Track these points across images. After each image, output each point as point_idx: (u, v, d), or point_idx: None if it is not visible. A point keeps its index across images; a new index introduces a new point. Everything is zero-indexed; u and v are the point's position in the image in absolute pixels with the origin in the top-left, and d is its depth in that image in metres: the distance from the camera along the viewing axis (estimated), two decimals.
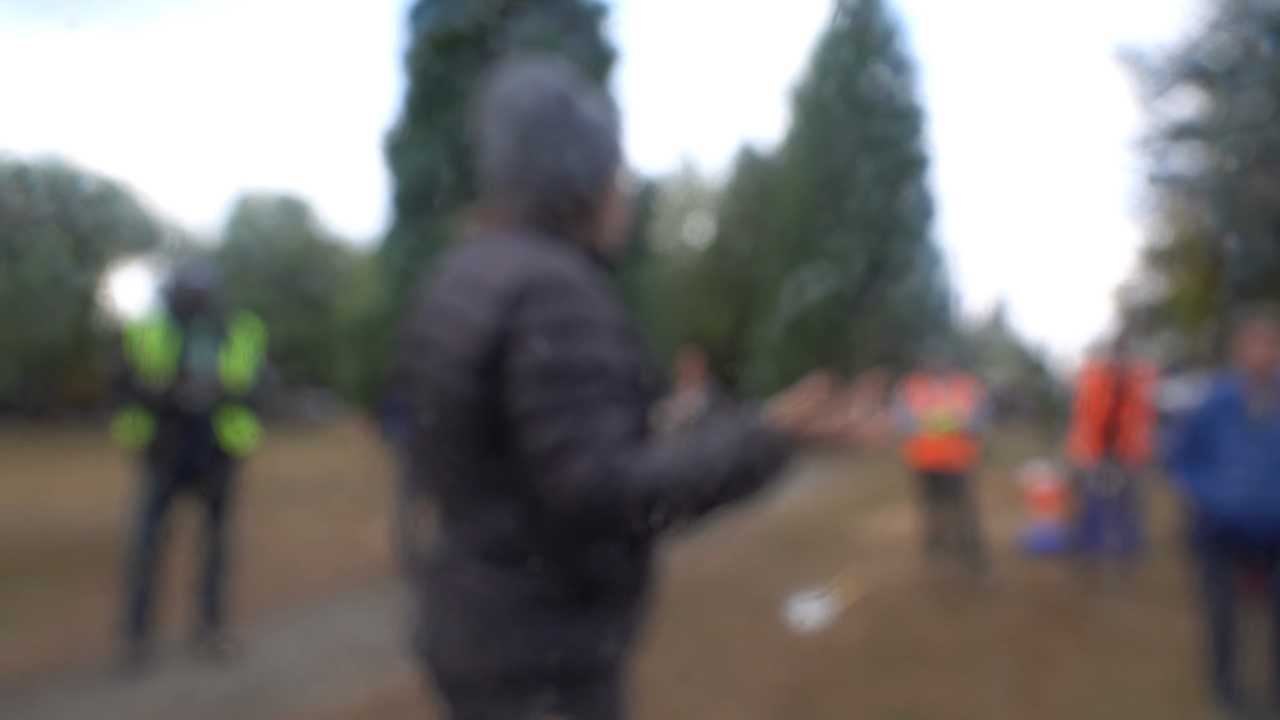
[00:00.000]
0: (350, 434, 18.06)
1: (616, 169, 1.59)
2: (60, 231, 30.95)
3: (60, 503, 11.54)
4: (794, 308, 30.83)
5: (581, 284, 1.39)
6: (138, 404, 4.77)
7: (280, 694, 4.45)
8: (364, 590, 6.74)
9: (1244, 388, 3.92)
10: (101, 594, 5.45)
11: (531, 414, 1.32)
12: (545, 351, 1.32)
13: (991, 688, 4.56)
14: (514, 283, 1.37)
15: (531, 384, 1.32)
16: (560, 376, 1.31)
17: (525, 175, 1.51)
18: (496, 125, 1.54)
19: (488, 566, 1.42)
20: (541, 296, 1.35)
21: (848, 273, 30.85)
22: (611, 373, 1.35)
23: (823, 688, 4.53)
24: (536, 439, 1.31)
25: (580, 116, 1.53)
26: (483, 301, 1.38)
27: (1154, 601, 6.13)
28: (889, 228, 31.80)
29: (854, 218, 31.88)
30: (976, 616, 6.03)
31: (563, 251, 1.45)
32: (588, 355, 1.33)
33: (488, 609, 1.41)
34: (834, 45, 33.56)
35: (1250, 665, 4.03)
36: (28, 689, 4.44)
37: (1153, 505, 7.69)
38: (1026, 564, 7.74)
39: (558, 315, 1.34)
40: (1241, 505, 3.82)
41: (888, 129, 32.46)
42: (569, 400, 1.31)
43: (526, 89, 1.53)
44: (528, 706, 1.39)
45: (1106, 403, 6.83)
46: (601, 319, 1.38)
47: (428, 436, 1.51)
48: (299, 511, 10.98)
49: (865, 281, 31.27)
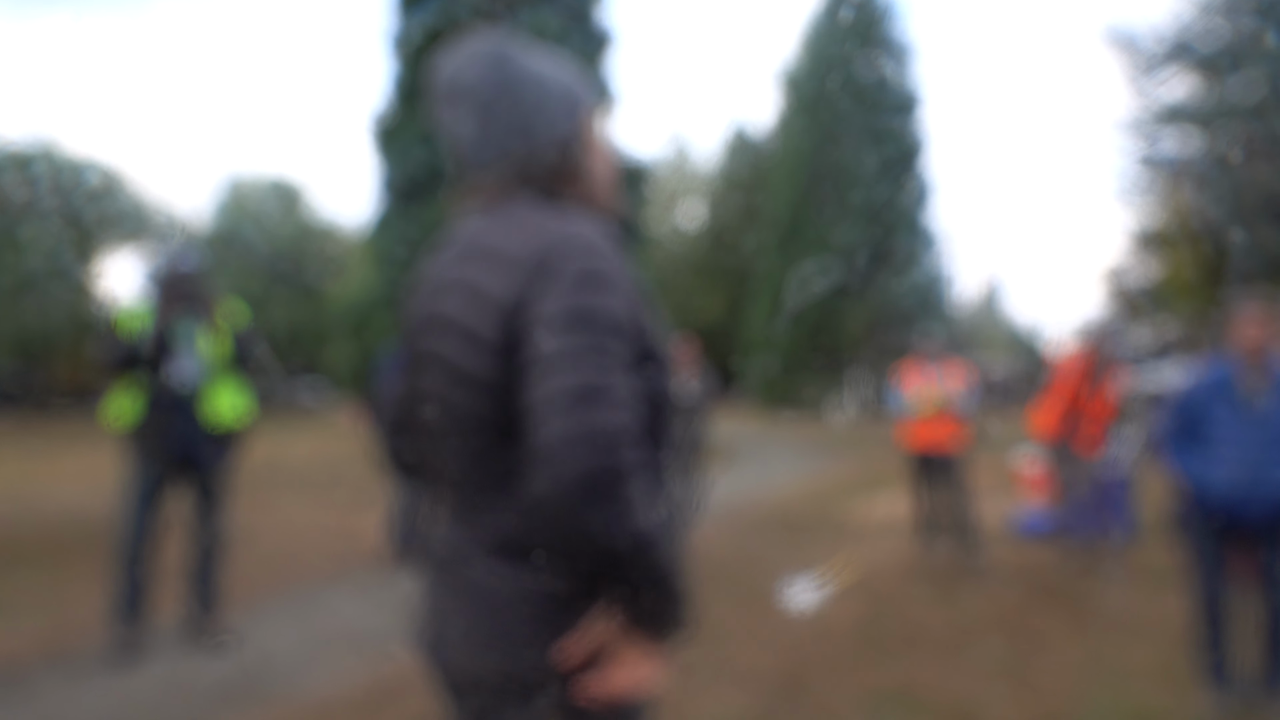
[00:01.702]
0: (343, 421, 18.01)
1: (586, 118, 1.52)
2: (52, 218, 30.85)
3: (53, 490, 11.52)
4: (796, 302, 30.82)
5: (603, 246, 1.34)
6: (130, 374, 4.75)
7: (274, 681, 4.45)
8: (359, 577, 6.74)
9: (1235, 369, 3.92)
10: (94, 581, 5.45)
11: (553, 354, 1.23)
12: (570, 299, 1.26)
13: (984, 670, 4.57)
14: (533, 250, 1.31)
15: (554, 328, 1.25)
16: (586, 322, 1.25)
17: (490, 148, 1.45)
18: (449, 107, 1.49)
19: (496, 561, 1.36)
20: (564, 258, 1.29)
21: (843, 260, 30.84)
22: (628, 336, 1.29)
23: (817, 671, 4.55)
24: (556, 379, 1.22)
25: (529, 74, 1.47)
26: (500, 273, 1.32)
27: (1146, 583, 6.16)
28: (882, 212, 31.80)
29: (847, 202, 31.87)
30: (969, 599, 6.05)
31: (579, 215, 1.40)
32: (612, 309, 1.28)
33: (496, 605, 1.35)
34: (827, 30, 33.49)
35: (1241, 646, 4.05)
36: (20, 676, 4.44)
37: (1144, 487, 7.72)
38: (1019, 546, 7.76)
39: (583, 270, 1.28)
40: (1233, 486, 3.84)
41: (880, 114, 32.43)
42: (595, 346, 1.24)
43: (468, 62, 1.48)
44: (536, 705, 1.34)
45: (1076, 389, 6.85)
46: (623, 280, 1.33)
47: (435, 426, 1.44)
48: (293, 498, 10.98)
49: (860, 268, 31.28)
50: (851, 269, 31.03)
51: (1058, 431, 6.97)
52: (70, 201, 32.05)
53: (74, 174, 32.91)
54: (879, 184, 31.64)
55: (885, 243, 31.61)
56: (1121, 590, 6.08)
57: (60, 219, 31.29)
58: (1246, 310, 3.91)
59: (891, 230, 31.72)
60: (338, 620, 5.58)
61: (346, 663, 4.68)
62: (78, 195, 32.59)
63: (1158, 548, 6.56)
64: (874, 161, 31.63)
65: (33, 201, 29.78)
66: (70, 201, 32.05)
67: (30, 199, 29.87)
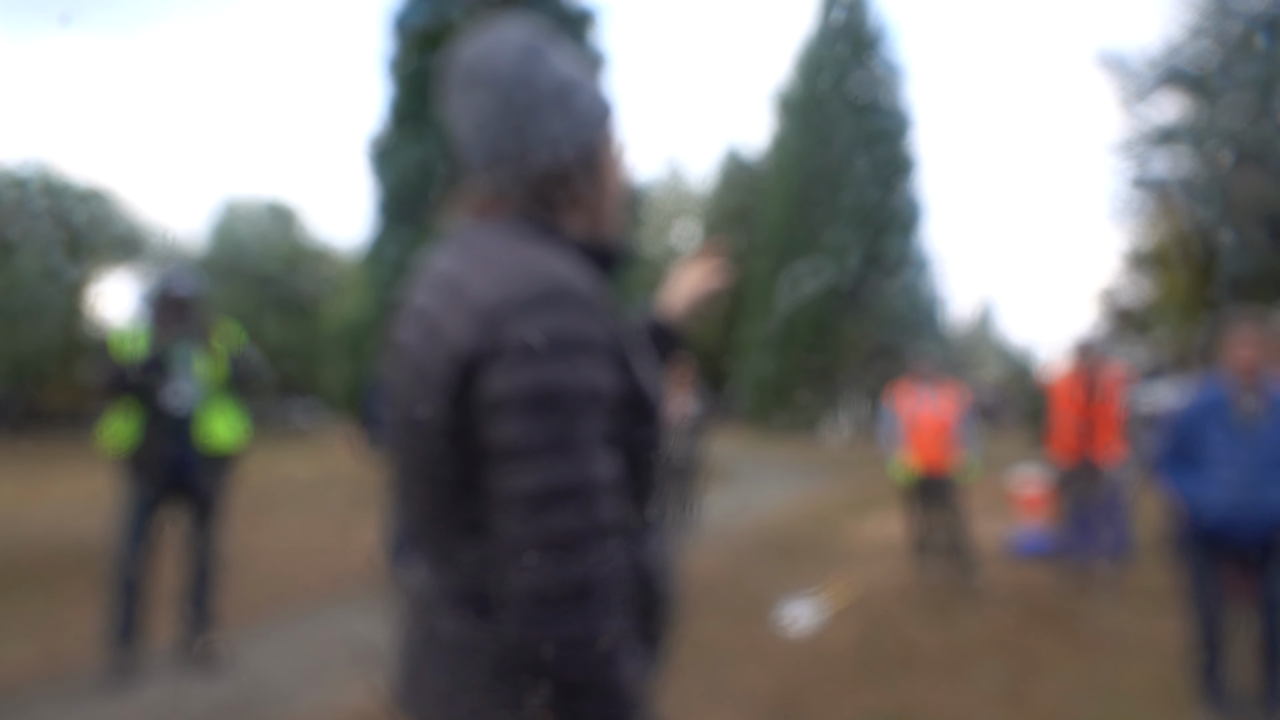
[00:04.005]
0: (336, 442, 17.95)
1: (607, 135, 1.38)
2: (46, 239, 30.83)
3: (46, 512, 11.48)
4: (787, 303, 30.86)
5: (579, 292, 1.19)
6: (125, 398, 4.74)
7: (270, 702, 4.43)
8: (354, 597, 6.71)
9: (1230, 390, 3.94)
10: (88, 603, 5.41)
11: (512, 448, 1.13)
12: (531, 374, 1.13)
13: (981, 691, 4.57)
14: (497, 294, 1.17)
15: (513, 412, 1.13)
16: (549, 405, 1.13)
17: (500, 147, 1.29)
18: (462, 96, 1.33)
19: (467, 613, 1.26)
20: (529, 308, 1.15)
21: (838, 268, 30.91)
22: (604, 405, 1.18)
23: (813, 692, 4.54)
24: (515, 479, 1.13)
25: (556, 73, 1.32)
26: (460, 314, 1.19)
27: (1142, 604, 6.15)
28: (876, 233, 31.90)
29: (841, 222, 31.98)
30: (965, 620, 6.04)
31: (558, 249, 1.26)
32: (581, 380, 1.15)
33: (468, 661, 1.25)
34: (820, 51, 33.69)
35: (1238, 667, 4.05)
36: (15, 700, 4.41)
37: (1140, 508, 7.72)
38: (1015, 567, 7.76)
39: (548, 330, 1.14)
40: (1229, 507, 3.85)
41: (873, 135, 32.60)
42: (558, 436, 1.13)
43: (490, 50, 1.32)
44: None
45: (1078, 405, 6.86)
46: (600, 335, 1.19)
47: (397, 465, 1.35)
48: (288, 518, 10.94)
49: (854, 288, 31.37)
50: (845, 289, 31.12)
51: (1076, 448, 6.93)
52: (65, 223, 32.06)
53: (69, 195, 32.93)
54: (872, 204, 31.77)
55: (879, 263, 31.72)
56: (1118, 611, 6.08)
57: (54, 240, 31.28)
58: (1241, 331, 3.93)
59: (885, 251, 31.84)
60: (334, 641, 5.55)
61: (342, 683, 4.65)
62: (72, 217, 32.60)
63: (1154, 568, 6.56)
64: (867, 181, 31.78)
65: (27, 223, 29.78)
66: (65, 223, 32.06)
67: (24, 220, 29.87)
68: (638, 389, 1.27)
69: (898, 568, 7.63)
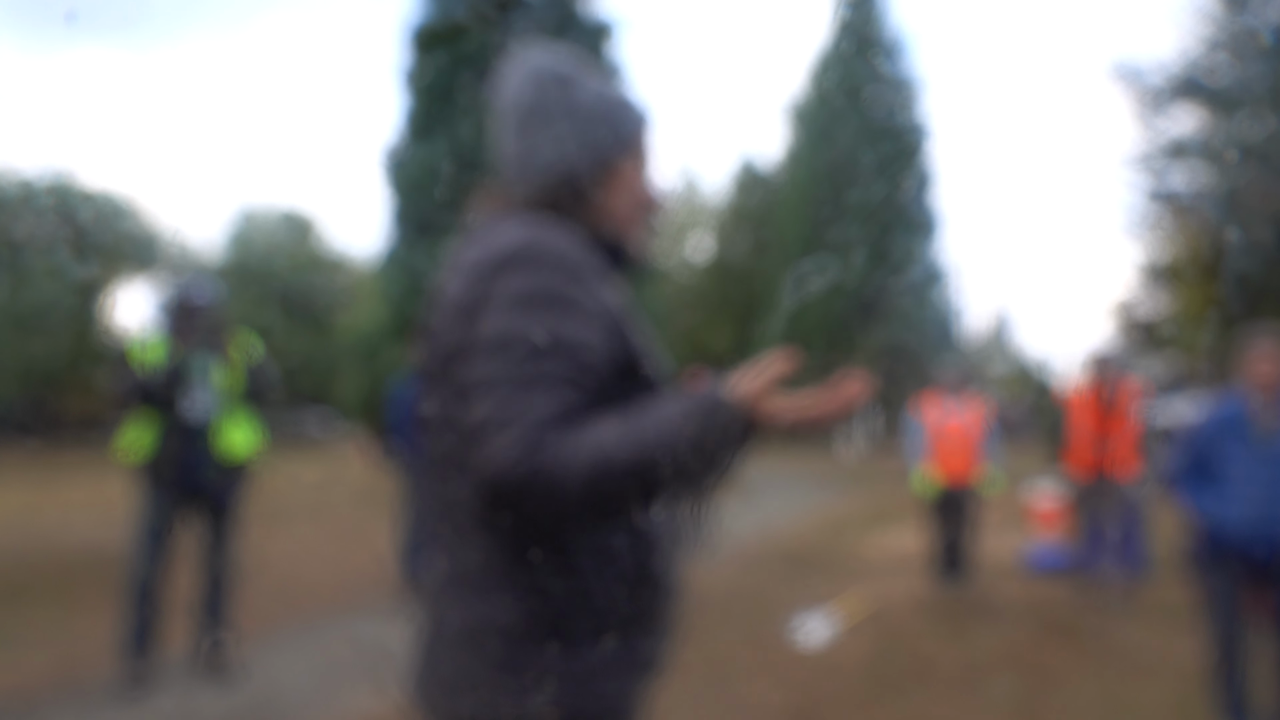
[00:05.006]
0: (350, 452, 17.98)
1: (623, 155, 1.47)
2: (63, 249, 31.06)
3: (61, 521, 11.54)
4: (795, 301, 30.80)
5: (569, 259, 1.29)
6: (143, 408, 4.76)
7: (284, 710, 4.44)
8: (368, 606, 6.72)
9: (1248, 406, 3.91)
10: (103, 613, 5.43)
11: (472, 386, 1.22)
12: (501, 322, 1.23)
13: (995, 707, 4.54)
14: (493, 253, 1.29)
15: (479, 354, 1.23)
16: (508, 349, 1.21)
17: (522, 165, 1.42)
18: (499, 117, 1.48)
19: (477, 598, 1.29)
20: (517, 265, 1.26)
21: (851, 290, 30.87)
22: (578, 355, 1.23)
23: (826, 706, 4.52)
24: (470, 413, 1.21)
25: (577, 100, 1.43)
26: (459, 278, 1.32)
27: (1158, 620, 6.11)
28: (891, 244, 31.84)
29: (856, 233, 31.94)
30: (980, 635, 6.01)
31: (561, 228, 1.35)
32: (549, 331, 1.22)
33: (478, 646, 1.28)
34: (835, 63, 33.71)
35: (1256, 685, 4.01)
36: (30, 709, 4.42)
37: (1157, 523, 7.67)
38: (1030, 582, 7.71)
39: (528, 286, 1.25)
40: (1247, 524, 3.82)
41: (889, 146, 32.59)
42: (508, 375, 1.20)
43: (521, 77, 1.47)
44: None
45: (1094, 420, 6.83)
46: (584, 299, 1.27)
47: (429, 457, 1.40)
48: (302, 528, 10.96)
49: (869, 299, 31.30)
50: (860, 299, 31.08)
51: (1092, 463, 6.90)
52: (83, 232, 32.29)
53: (87, 205, 33.17)
54: (888, 215, 31.74)
55: (894, 275, 31.67)
56: (1134, 627, 6.04)
57: (72, 249, 31.51)
58: (1260, 346, 3.91)
59: (901, 263, 31.79)
60: (348, 650, 5.55)
61: (355, 693, 4.65)
62: (90, 226, 32.84)
63: (1171, 584, 6.51)
64: (882, 192, 31.75)
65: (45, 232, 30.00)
66: (83, 232, 32.29)
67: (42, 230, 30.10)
68: (632, 355, 1.34)
69: (913, 582, 7.60)
